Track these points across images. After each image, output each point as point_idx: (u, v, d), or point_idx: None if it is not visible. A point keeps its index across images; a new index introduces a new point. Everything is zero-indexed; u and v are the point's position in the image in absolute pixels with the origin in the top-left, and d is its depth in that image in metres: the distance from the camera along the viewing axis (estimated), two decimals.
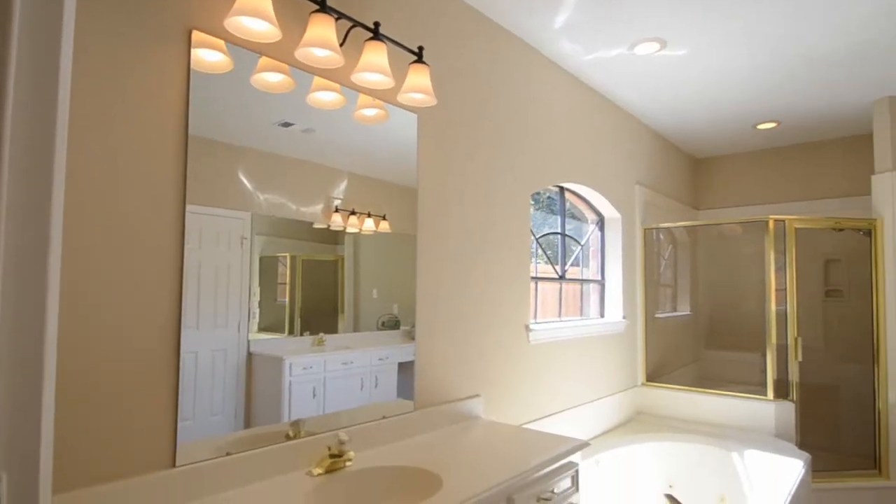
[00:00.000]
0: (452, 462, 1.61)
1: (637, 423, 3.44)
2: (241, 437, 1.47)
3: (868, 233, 3.50)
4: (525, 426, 2.48)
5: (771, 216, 3.42)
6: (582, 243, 3.46)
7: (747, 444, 3.02)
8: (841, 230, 3.58)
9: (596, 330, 3.19)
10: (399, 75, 1.97)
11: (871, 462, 3.39)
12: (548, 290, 3.11)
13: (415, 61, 1.80)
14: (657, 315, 4.08)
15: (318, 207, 1.72)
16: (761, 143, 4.50)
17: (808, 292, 4.16)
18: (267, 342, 1.56)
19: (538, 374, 2.65)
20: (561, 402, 2.83)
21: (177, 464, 1.32)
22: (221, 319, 1.45)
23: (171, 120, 1.35)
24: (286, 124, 1.64)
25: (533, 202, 3.17)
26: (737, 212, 4.76)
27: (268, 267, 1.60)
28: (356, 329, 1.86)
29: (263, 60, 1.56)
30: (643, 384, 3.71)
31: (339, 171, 1.79)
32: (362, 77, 1.69)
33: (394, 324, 1.98)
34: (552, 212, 3.27)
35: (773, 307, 3.39)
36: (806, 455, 2.88)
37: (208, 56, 1.43)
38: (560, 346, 2.85)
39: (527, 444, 1.79)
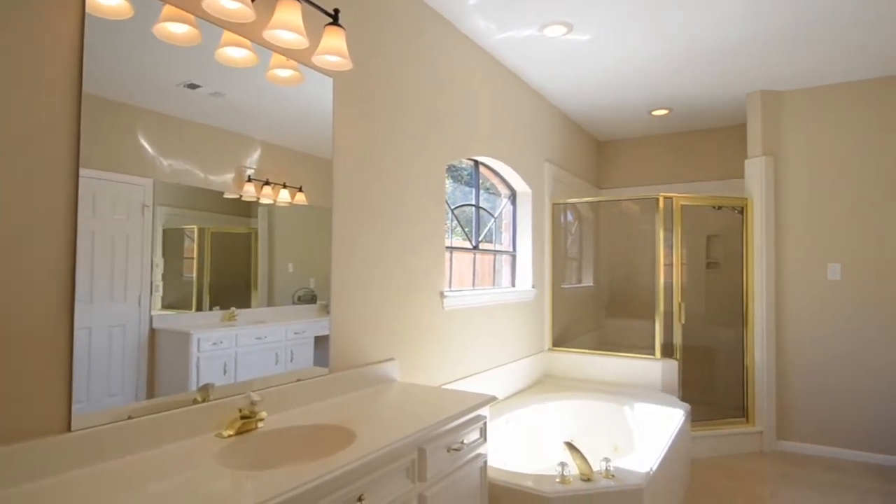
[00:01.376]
0: (366, 419, 1.66)
1: (544, 385, 3.69)
2: (145, 405, 1.42)
3: (741, 211, 3.95)
4: (441, 387, 2.59)
5: (661, 194, 3.76)
6: (495, 216, 3.60)
7: (638, 398, 3.35)
8: (720, 208, 4.01)
9: (507, 298, 3.36)
10: (314, 38, 1.93)
11: (741, 411, 3.90)
12: (462, 261, 3.22)
13: (330, 23, 1.78)
14: (564, 286, 4.36)
15: (229, 176, 1.67)
16: (656, 128, 4.88)
17: (692, 264, 4.65)
18: (172, 318, 1.51)
19: (452, 339, 2.76)
20: (474, 366, 2.98)
21: (72, 428, 1.26)
22: (119, 293, 1.38)
23: (63, 70, 1.25)
24: (193, 86, 1.56)
25: (451, 177, 3.24)
26: (634, 191, 5.16)
27: (173, 240, 1.53)
28: (271, 304, 1.84)
29: (168, 9, 1.47)
30: (550, 349, 3.98)
31: (251, 139, 1.74)
32: (275, 35, 1.64)
33: (310, 298, 1.97)
34: (468, 185, 3.36)
35: (661, 277, 3.76)
36: (686, 406, 3.25)
37: None
38: (473, 313, 2.98)
39: (438, 401, 1.88)
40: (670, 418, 2.96)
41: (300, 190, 1.93)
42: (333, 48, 1.75)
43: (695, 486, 3.18)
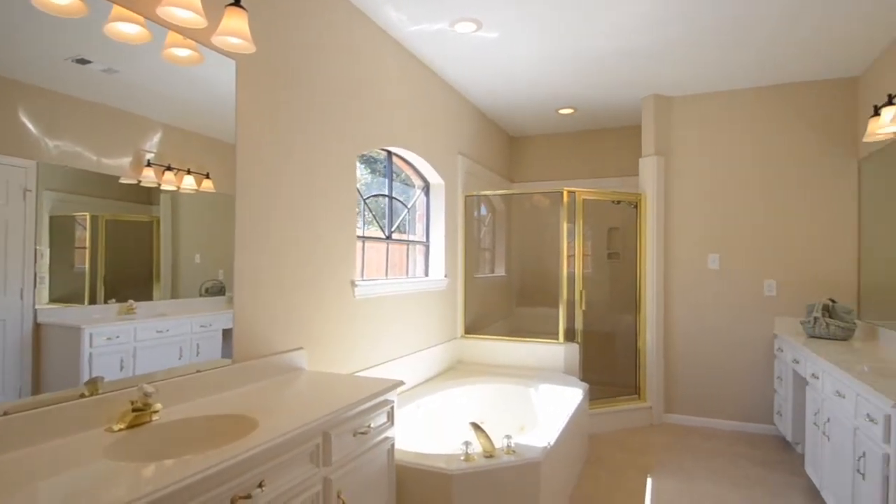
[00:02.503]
0: (270, 407, 1.66)
1: (456, 371, 3.83)
2: (24, 402, 1.33)
3: (636, 205, 4.30)
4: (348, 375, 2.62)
5: (565, 188, 4.00)
6: (409, 207, 3.66)
7: (542, 380, 3.58)
8: (618, 203, 4.34)
9: (420, 287, 3.44)
10: (214, 18, 1.87)
11: (634, 389, 4.27)
12: (375, 250, 3.25)
13: (231, 4, 1.73)
14: (476, 275, 4.52)
15: (126, 160, 1.59)
16: (563, 126, 5.16)
17: (596, 255, 4.99)
18: (60, 312, 1.42)
19: (364, 327, 2.80)
20: (386, 354, 3.03)
21: None
22: None
23: None
24: (83, 61, 1.47)
25: (369, 168, 3.25)
26: (544, 185, 5.42)
27: (62, 228, 1.44)
28: (175, 296, 1.78)
29: None
30: (462, 336, 4.12)
31: (150, 121, 1.67)
32: (170, 12, 1.57)
33: (219, 290, 1.93)
34: (384, 175, 3.39)
35: (565, 267, 4.02)
36: (585, 385, 3.52)
37: None
38: (386, 302, 3.03)
39: (347, 388, 1.91)
40: (570, 398, 3.20)
41: (207, 177, 1.87)
42: (234, 30, 1.70)
43: (592, 458, 3.46)
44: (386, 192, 3.38)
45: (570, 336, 4.00)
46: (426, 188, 3.87)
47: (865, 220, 3.64)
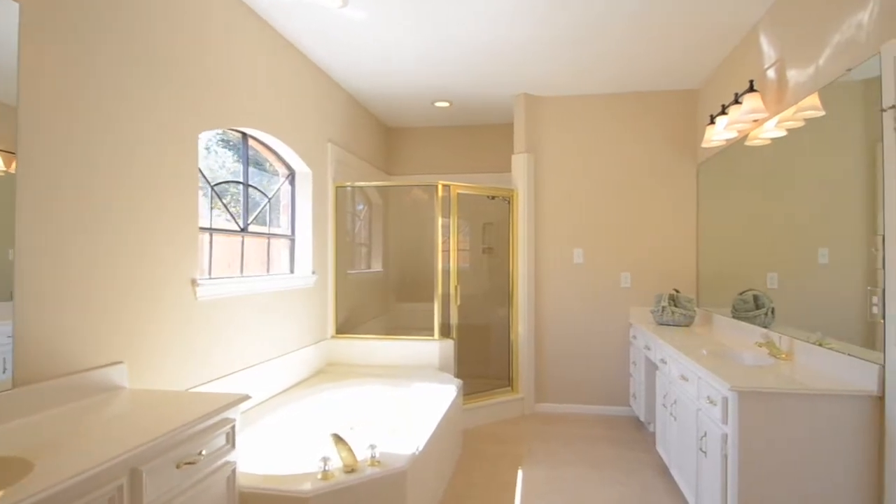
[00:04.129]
0: (59, 442, 1.32)
1: (326, 374, 3.57)
2: None
3: (509, 201, 4.37)
4: (193, 390, 2.26)
5: (440, 182, 3.93)
6: (270, 197, 3.31)
7: (416, 379, 3.46)
8: (493, 198, 4.37)
9: (283, 285, 3.13)
10: None
11: (507, 381, 4.33)
12: (232, 245, 2.88)
13: None
14: (350, 271, 4.28)
15: None
16: (440, 119, 5.10)
17: (472, 249, 5.01)
18: None
19: (210, 333, 2.44)
20: (242, 361, 2.70)
21: None
22: None
23: None
24: None
25: (235, 153, 2.86)
26: (422, 179, 5.32)
27: None
28: None
29: None
30: (333, 336, 3.87)
31: None
32: None
33: None
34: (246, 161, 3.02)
35: (439, 262, 3.94)
36: (459, 382, 3.47)
37: None
38: (240, 303, 2.69)
39: (174, 409, 1.60)
40: (444, 396, 3.12)
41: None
42: None
43: (466, 454, 3.43)
44: (241, 179, 3.01)
45: (445, 332, 3.94)
46: (291, 177, 3.54)
47: (702, 218, 4.03)
